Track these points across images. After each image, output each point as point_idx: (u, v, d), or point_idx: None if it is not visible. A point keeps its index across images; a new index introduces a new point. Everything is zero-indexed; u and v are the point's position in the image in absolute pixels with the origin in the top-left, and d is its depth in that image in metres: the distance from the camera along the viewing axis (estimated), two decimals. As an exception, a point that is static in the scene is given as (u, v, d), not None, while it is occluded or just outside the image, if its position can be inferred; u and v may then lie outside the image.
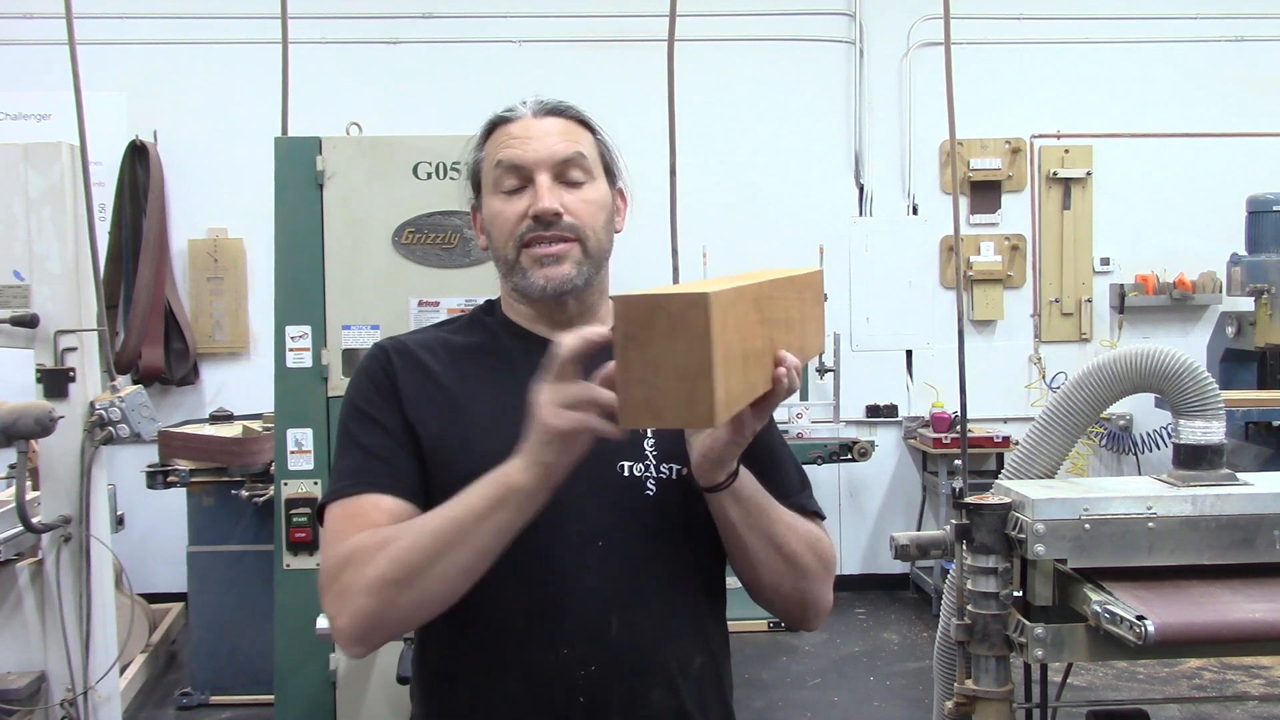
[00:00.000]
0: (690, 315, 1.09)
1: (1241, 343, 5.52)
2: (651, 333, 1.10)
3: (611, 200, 1.47)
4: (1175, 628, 1.66)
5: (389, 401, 1.40)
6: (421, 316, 3.14)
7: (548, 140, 1.41)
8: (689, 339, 1.08)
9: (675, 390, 1.09)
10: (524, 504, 1.21)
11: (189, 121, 5.77)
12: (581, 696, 1.34)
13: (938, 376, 5.98)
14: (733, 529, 1.36)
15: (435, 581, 1.23)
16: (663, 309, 1.10)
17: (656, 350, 1.09)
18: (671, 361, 1.09)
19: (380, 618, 1.26)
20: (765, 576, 1.40)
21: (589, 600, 1.35)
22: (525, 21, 5.85)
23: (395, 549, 1.24)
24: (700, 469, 1.31)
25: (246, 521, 4.35)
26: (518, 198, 1.40)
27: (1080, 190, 6.12)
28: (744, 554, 1.38)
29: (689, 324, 1.09)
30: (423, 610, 1.27)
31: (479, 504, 1.22)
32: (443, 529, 1.23)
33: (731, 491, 1.32)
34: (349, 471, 1.37)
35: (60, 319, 3.01)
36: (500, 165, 1.41)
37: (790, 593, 1.42)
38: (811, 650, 5.11)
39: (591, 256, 1.41)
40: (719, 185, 5.81)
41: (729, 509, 1.34)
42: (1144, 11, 6.06)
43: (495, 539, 1.23)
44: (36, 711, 3.00)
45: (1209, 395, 1.98)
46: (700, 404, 1.08)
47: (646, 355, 1.10)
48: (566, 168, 1.41)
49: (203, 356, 5.85)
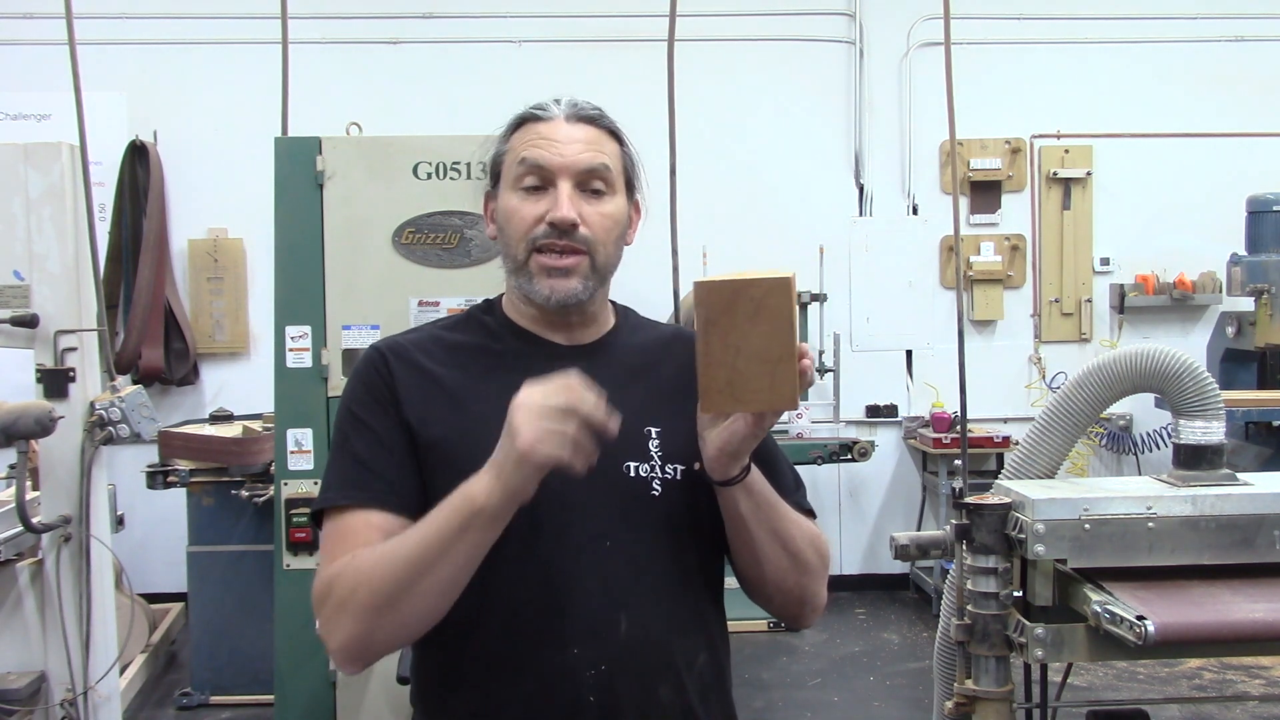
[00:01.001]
0: (773, 298, 1.09)
1: (1241, 343, 5.52)
2: (734, 317, 1.10)
3: (627, 215, 1.46)
4: (1175, 628, 1.66)
5: (383, 405, 1.40)
6: (421, 316, 3.14)
7: (575, 147, 1.40)
8: (772, 321, 1.08)
9: (758, 373, 1.09)
10: (491, 524, 1.24)
11: (189, 121, 5.77)
12: (591, 696, 1.35)
13: (938, 376, 5.99)
14: (743, 524, 1.36)
15: (415, 604, 1.27)
16: (745, 293, 1.09)
17: (739, 334, 1.09)
18: (755, 344, 1.09)
19: (368, 641, 1.30)
20: (769, 572, 1.41)
21: (596, 600, 1.35)
22: (525, 21, 5.85)
23: (374, 578, 1.27)
24: (716, 463, 1.31)
25: (246, 521, 4.35)
26: (536, 199, 1.40)
27: (1080, 190, 6.12)
28: (751, 549, 1.39)
29: (772, 307, 1.09)
30: (410, 629, 1.31)
31: (447, 529, 1.24)
32: (415, 555, 1.25)
33: (744, 485, 1.33)
34: (339, 480, 1.39)
35: (60, 319, 3.01)
36: (524, 163, 1.40)
37: (792, 588, 1.43)
38: (811, 650, 5.11)
39: (599, 271, 1.42)
40: (719, 185, 5.81)
41: (740, 503, 1.35)
42: (1144, 11, 6.06)
43: (467, 559, 1.26)
44: (36, 711, 3.00)
45: (1209, 395, 1.98)
46: (783, 385, 1.08)
47: (729, 339, 1.10)
48: (590, 178, 1.40)
49: (203, 356, 5.85)
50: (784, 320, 1.08)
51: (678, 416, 1.39)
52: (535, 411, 1.19)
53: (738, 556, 1.42)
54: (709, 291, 1.11)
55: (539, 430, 1.18)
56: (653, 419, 1.41)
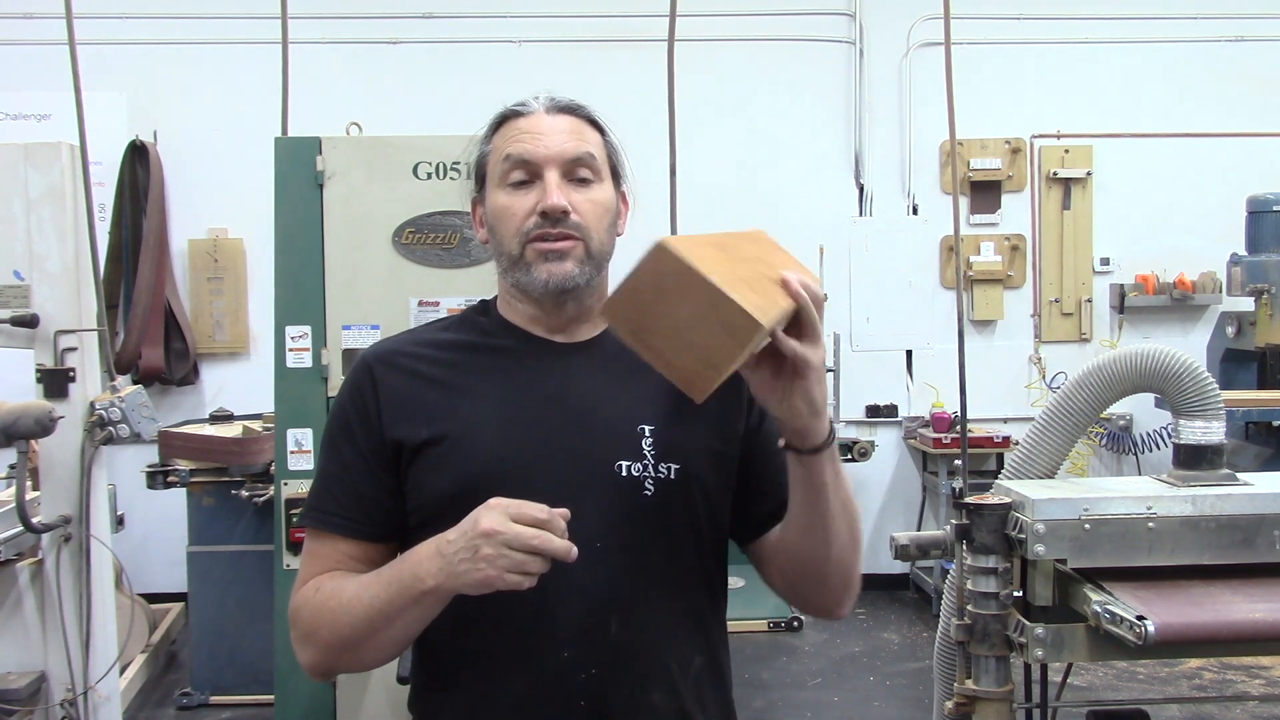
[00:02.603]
0: (663, 267, 1.08)
1: (1241, 343, 5.52)
2: (649, 313, 1.09)
3: (616, 203, 1.46)
4: (1175, 628, 1.66)
5: (364, 421, 1.41)
6: (421, 316, 3.14)
7: (558, 137, 1.40)
8: (679, 285, 1.07)
9: (708, 333, 1.07)
10: (439, 602, 1.29)
11: (189, 121, 5.77)
12: (582, 699, 1.34)
13: (938, 376, 5.99)
14: (823, 495, 1.32)
15: (372, 651, 1.34)
16: (639, 287, 1.09)
17: (666, 320, 1.08)
18: (685, 314, 1.08)
19: (331, 669, 1.39)
20: (836, 550, 1.36)
21: (588, 602, 1.34)
22: (525, 21, 5.85)
23: (335, 622, 1.33)
24: (803, 426, 1.26)
25: (246, 521, 4.35)
26: (525, 193, 1.39)
27: (1080, 190, 6.12)
28: (825, 523, 1.34)
29: (668, 273, 1.07)
30: (372, 664, 1.37)
31: (397, 600, 1.28)
32: (366, 616, 1.30)
33: (830, 451, 1.30)
34: (313, 500, 1.44)
35: (60, 319, 3.01)
36: (509, 159, 1.40)
37: (850, 566, 1.40)
38: (811, 650, 5.11)
39: (594, 258, 1.41)
40: (719, 185, 5.80)
41: (826, 470, 1.30)
42: (1144, 11, 6.06)
43: (419, 620, 1.31)
44: (36, 711, 3.00)
45: (1209, 395, 1.98)
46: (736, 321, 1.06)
47: (662, 332, 1.09)
48: (575, 166, 1.40)
49: (203, 356, 5.85)
50: (688, 276, 1.06)
51: (672, 415, 1.39)
52: (505, 539, 1.19)
53: (810, 536, 1.36)
54: (613, 312, 1.10)
55: (506, 562, 1.19)
56: (646, 417, 1.39)
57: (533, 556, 1.19)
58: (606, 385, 1.40)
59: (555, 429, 1.38)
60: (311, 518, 1.43)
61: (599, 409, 1.39)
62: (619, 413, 1.39)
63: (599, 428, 1.38)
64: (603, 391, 1.40)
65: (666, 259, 1.08)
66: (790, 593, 1.47)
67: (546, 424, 1.38)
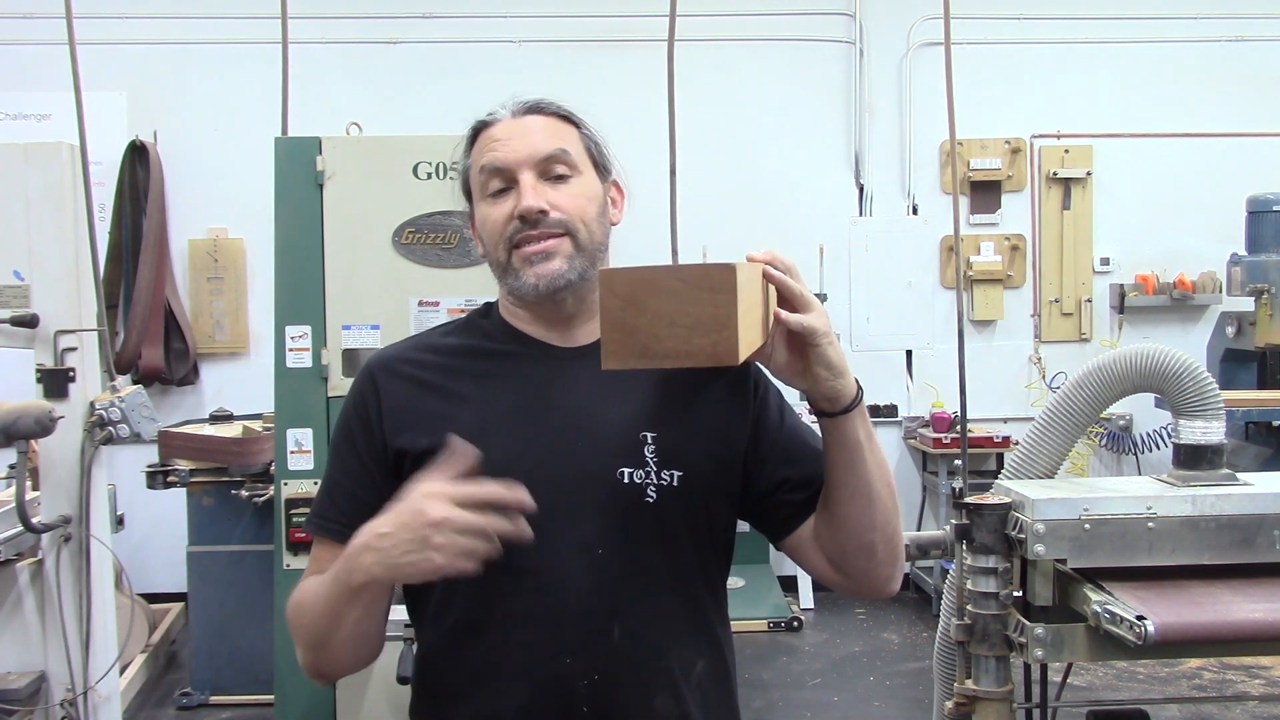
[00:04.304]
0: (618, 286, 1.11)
1: (1241, 343, 5.52)
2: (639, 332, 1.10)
3: (603, 192, 1.45)
4: (1175, 628, 1.66)
5: (366, 429, 1.41)
6: (421, 316, 3.13)
7: (529, 139, 1.40)
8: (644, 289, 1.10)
9: (698, 303, 1.09)
10: (381, 594, 1.32)
11: (189, 121, 5.78)
12: (585, 706, 1.33)
13: (938, 376, 5.99)
14: (860, 453, 1.34)
15: (338, 649, 1.36)
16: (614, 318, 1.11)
17: (657, 325, 1.10)
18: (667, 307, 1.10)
19: (319, 669, 1.41)
20: (878, 514, 1.37)
21: (590, 608, 1.34)
22: (525, 21, 5.85)
23: (305, 622, 1.36)
24: (829, 389, 1.29)
25: (246, 521, 4.35)
26: (504, 200, 1.39)
27: (1080, 190, 6.12)
28: (866, 485, 1.35)
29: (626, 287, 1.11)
30: (345, 665, 1.39)
31: (336, 599, 1.29)
32: (321, 615, 1.33)
33: (860, 410, 1.32)
34: (317, 506, 1.45)
35: (60, 319, 3.01)
36: (485, 170, 1.41)
37: (895, 532, 1.40)
38: (811, 650, 5.11)
39: (584, 250, 1.39)
40: (719, 185, 5.81)
41: (859, 428, 1.33)
42: (1144, 11, 6.06)
43: (367, 619, 1.33)
44: (36, 711, 3.00)
45: (1209, 395, 1.98)
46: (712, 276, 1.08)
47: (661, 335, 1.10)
48: (550, 164, 1.39)
49: (203, 356, 5.86)
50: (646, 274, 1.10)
51: (676, 420, 1.38)
52: (456, 527, 1.17)
53: (852, 504, 1.36)
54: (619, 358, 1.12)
55: (456, 549, 1.17)
56: (649, 423, 1.38)
57: (480, 541, 1.17)
58: (609, 392, 1.39)
59: (557, 435, 1.37)
60: (313, 524, 1.44)
61: (601, 415, 1.38)
62: (621, 419, 1.38)
63: (601, 434, 1.37)
64: (605, 398, 1.39)
65: (616, 278, 1.12)
66: (838, 574, 1.44)
67: (548, 430, 1.37)
